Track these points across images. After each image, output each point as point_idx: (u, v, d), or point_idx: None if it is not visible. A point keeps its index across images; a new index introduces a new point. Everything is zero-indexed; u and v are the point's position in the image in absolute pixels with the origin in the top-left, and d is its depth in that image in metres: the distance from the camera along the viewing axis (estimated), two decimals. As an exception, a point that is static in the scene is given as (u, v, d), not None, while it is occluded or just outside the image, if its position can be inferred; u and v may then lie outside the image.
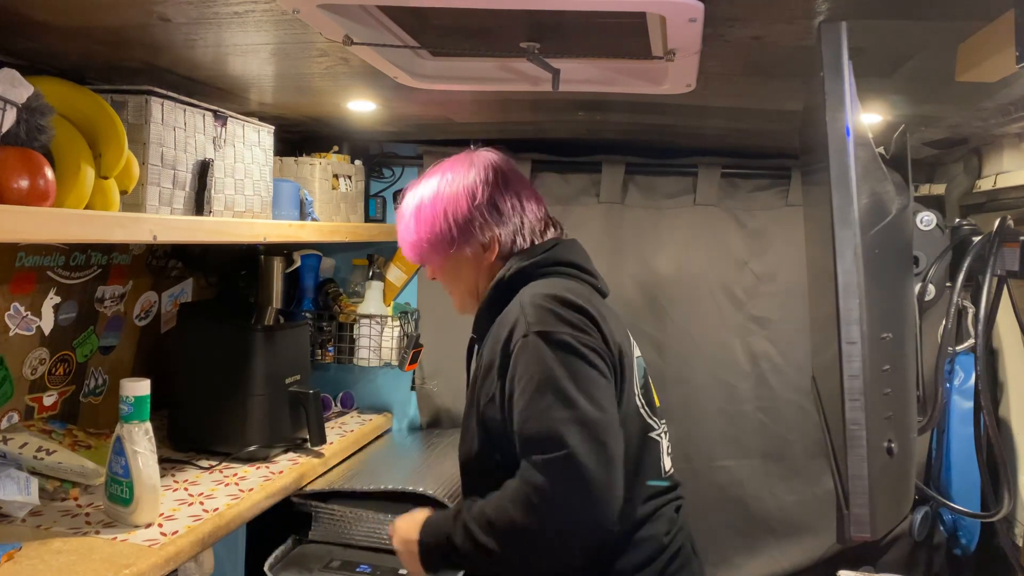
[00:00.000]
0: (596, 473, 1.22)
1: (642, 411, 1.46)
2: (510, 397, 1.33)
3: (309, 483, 1.91)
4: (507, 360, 1.35)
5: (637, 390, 1.46)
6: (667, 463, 1.51)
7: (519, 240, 1.52)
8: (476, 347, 1.54)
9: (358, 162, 2.40)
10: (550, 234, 1.56)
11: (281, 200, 1.93)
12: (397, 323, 2.46)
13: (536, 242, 1.53)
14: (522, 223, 1.52)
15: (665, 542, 1.44)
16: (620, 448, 1.28)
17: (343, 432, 2.23)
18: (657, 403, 1.54)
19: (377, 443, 2.37)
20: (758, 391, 2.39)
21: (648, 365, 2.36)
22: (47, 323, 1.70)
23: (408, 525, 1.44)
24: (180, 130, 1.53)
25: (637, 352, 1.55)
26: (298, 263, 2.30)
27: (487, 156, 1.58)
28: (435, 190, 1.54)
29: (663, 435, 1.51)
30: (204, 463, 1.82)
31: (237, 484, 1.73)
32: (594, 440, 1.24)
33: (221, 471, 1.80)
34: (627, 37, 1.24)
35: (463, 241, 1.52)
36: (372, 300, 2.47)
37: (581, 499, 1.23)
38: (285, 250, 2.13)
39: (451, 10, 1.15)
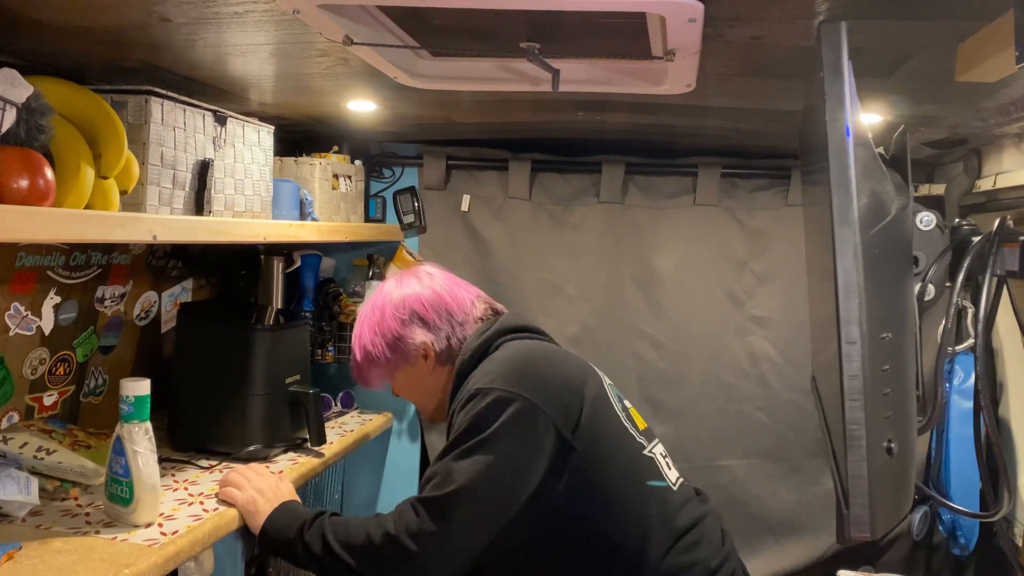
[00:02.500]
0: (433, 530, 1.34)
1: (630, 431, 1.48)
2: None
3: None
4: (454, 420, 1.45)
5: (620, 413, 1.50)
6: (671, 475, 1.51)
7: (454, 341, 1.59)
8: None
9: (358, 162, 2.40)
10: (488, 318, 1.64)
11: (281, 200, 1.93)
12: (397, 323, 2.46)
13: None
14: (452, 327, 1.60)
15: (713, 566, 1.43)
16: (478, 523, 1.36)
17: (343, 432, 2.22)
18: (642, 425, 1.55)
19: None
20: (758, 391, 2.39)
21: (648, 365, 2.41)
22: (47, 323, 1.70)
23: (273, 488, 1.54)
24: (180, 130, 1.53)
25: (607, 381, 1.58)
26: (298, 263, 2.30)
27: (415, 271, 1.68)
28: (366, 317, 1.66)
29: (655, 452, 1.52)
30: (204, 463, 1.82)
31: (237, 484, 1.72)
32: (455, 500, 1.34)
33: (221, 471, 1.79)
34: (627, 37, 1.24)
35: (398, 357, 1.62)
36: (372, 300, 2.47)
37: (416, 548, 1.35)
38: (285, 250, 2.13)
39: (451, 10, 1.15)
